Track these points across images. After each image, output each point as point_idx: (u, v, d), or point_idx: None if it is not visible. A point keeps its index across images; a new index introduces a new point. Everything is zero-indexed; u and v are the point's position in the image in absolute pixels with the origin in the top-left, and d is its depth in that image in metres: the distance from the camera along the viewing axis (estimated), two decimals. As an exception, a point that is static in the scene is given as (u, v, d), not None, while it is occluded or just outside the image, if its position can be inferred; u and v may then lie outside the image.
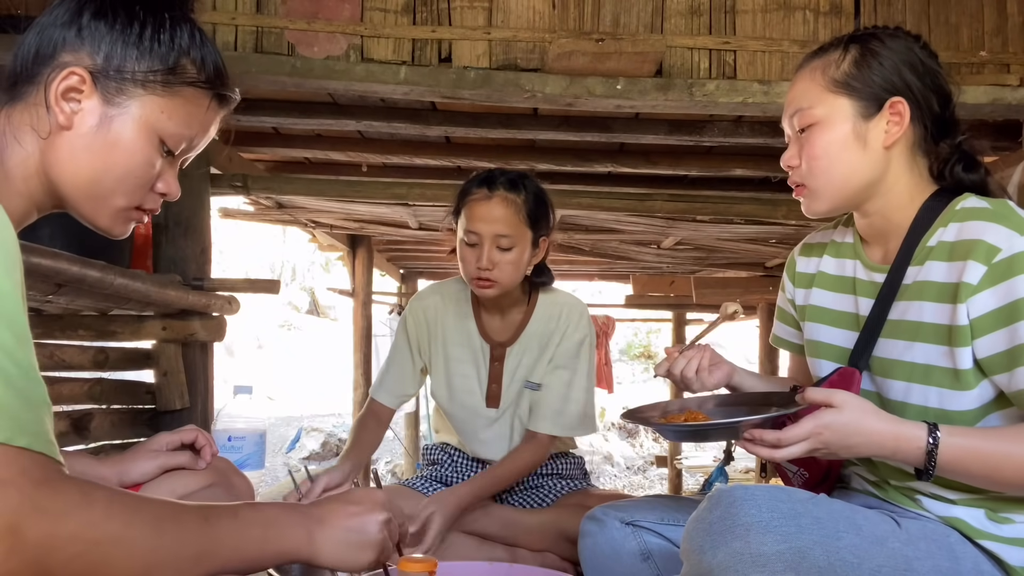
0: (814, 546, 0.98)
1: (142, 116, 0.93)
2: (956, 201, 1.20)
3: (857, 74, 1.21)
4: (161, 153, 0.97)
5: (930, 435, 1.07)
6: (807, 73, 1.25)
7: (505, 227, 1.85)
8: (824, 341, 1.34)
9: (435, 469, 2.17)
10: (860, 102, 1.21)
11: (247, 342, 14.63)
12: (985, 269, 1.09)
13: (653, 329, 16.56)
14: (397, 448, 10.03)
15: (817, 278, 1.38)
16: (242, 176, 2.94)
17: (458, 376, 2.06)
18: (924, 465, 1.08)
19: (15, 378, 0.70)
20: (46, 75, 0.91)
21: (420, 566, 1.07)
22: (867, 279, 1.28)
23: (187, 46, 0.96)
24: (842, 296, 1.33)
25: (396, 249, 6.38)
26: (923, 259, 1.19)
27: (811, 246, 1.44)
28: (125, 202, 0.97)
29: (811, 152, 1.22)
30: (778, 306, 1.52)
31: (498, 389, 2.03)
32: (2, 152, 0.91)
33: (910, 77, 1.22)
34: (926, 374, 1.16)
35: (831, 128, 1.21)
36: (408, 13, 2.42)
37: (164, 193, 1.00)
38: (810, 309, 1.38)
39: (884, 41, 1.23)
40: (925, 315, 1.17)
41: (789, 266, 1.48)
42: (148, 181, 0.97)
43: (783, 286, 1.49)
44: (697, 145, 3.37)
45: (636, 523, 1.41)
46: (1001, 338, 1.08)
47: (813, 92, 1.23)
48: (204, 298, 2.46)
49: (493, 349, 2.04)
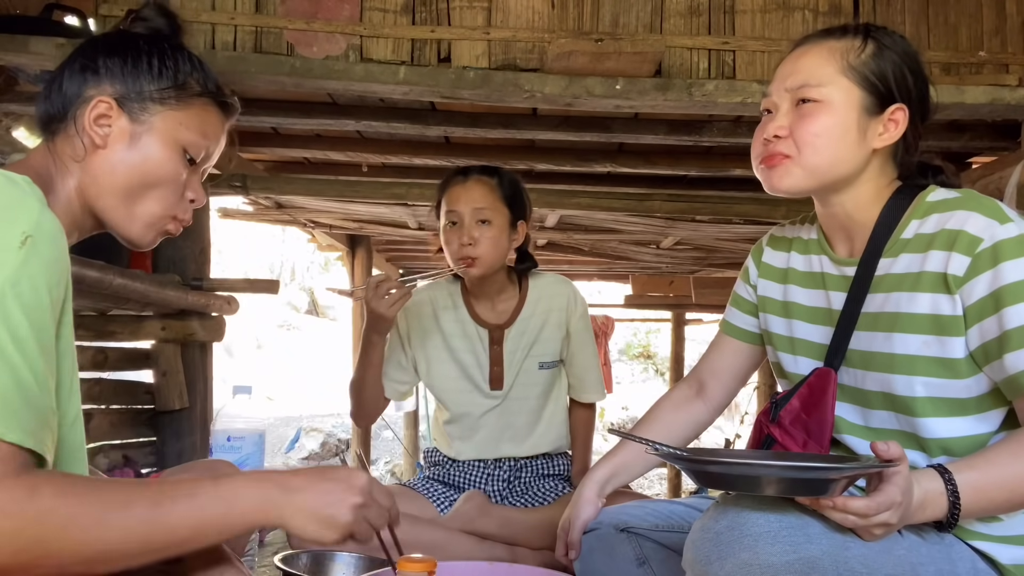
0: (823, 556, 0.96)
1: (164, 128, 1.07)
2: (924, 193, 1.20)
3: (876, 69, 1.19)
4: (185, 162, 1.10)
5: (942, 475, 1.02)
6: (823, 50, 1.22)
7: (482, 202, 1.96)
8: (800, 337, 1.32)
9: (437, 470, 2.17)
10: (870, 97, 1.19)
11: (246, 342, 14.63)
12: (969, 260, 1.09)
13: (652, 329, 16.59)
14: (397, 448, 10.04)
15: (790, 274, 1.36)
16: (241, 176, 2.94)
17: (458, 363, 2.09)
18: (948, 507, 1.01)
19: (27, 384, 0.78)
20: (76, 108, 1.05)
21: (420, 566, 1.07)
22: (837, 273, 1.27)
23: (189, 67, 1.12)
24: (813, 292, 1.31)
25: (395, 249, 6.39)
26: (898, 251, 1.18)
27: (779, 239, 1.42)
28: (160, 209, 1.08)
29: (809, 128, 1.19)
30: (736, 293, 1.48)
31: (500, 371, 2.08)
32: (52, 181, 1.03)
33: (913, 88, 1.21)
34: (909, 364, 1.15)
35: (836, 112, 1.18)
36: (407, 13, 2.42)
37: (193, 200, 1.12)
38: (786, 305, 1.36)
39: (898, 44, 1.22)
40: (903, 306, 1.16)
41: (755, 254, 1.45)
42: (179, 188, 1.09)
43: (745, 273, 1.46)
44: (696, 145, 3.37)
45: (631, 529, 1.40)
46: (990, 326, 1.08)
47: (827, 71, 1.20)
48: (203, 298, 2.46)
49: (491, 332, 2.09)
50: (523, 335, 2.08)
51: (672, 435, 1.48)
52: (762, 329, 1.41)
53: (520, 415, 2.09)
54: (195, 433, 2.58)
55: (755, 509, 0.99)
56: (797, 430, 1.24)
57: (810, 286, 1.32)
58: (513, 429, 2.10)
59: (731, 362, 1.50)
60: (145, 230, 1.09)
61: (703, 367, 1.53)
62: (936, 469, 1.03)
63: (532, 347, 2.09)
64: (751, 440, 1.37)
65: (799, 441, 1.23)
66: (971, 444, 1.13)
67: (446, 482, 2.13)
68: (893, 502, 0.95)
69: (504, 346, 2.08)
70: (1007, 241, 1.08)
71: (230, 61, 2.36)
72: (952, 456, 1.14)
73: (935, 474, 1.02)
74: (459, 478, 2.12)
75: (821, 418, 1.22)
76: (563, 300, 2.10)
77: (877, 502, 0.95)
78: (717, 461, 1.01)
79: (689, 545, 1.05)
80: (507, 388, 2.08)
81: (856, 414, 1.23)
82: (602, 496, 1.47)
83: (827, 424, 1.21)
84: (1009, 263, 1.07)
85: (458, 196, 1.97)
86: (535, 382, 2.10)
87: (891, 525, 0.97)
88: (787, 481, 0.96)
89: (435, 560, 1.09)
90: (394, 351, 2.13)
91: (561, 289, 2.12)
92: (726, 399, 1.54)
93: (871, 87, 1.19)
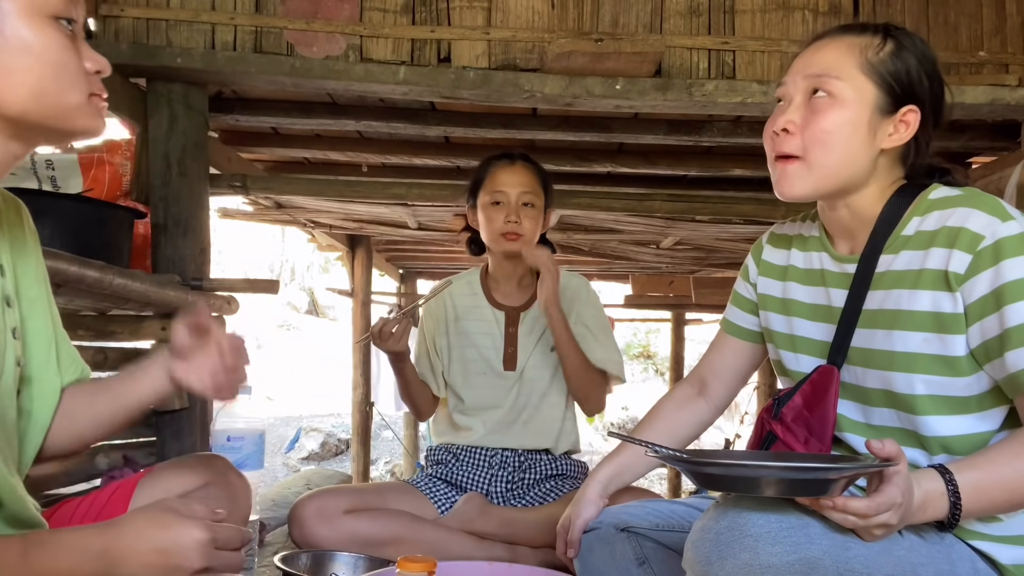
0: (824, 556, 0.96)
1: (19, 4, 0.91)
2: (927, 191, 1.20)
3: (893, 69, 1.18)
4: (64, 30, 0.94)
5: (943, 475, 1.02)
6: (842, 45, 1.21)
7: (528, 185, 2.10)
8: (800, 335, 1.32)
9: (439, 468, 2.17)
10: (885, 96, 1.18)
11: (246, 342, 14.62)
12: (971, 258, 1.09)
13: (652, 329, 16.58)
14: (397, 448, 10.04)
15: (790, 272, 1.36)
16: (241, 176, 2.93)
17: (474, 346, 2.18)
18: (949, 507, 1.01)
19: None
20: None
21: (420, 566, 1.07)
22: (838, 270, 1.27)
23: None
24: (814, 289, 1.31)
25: (395, 249, 6.39)
26: (898, 248, 1.18)
27: (779, 237, 1.41)
28: (77, 95, 0.95)
29: (820, 123, 1.18)
30: (736, 292, 1.47)
31: (514, 352, 2.16)
32: None
33: (928, 91, 1.21)
34: (909, 362, 1.14)
35: (849, 108, 1.17)
36: (407, 13, 2.42)
37: (99, 71, 0.99)
38: (786, 302, 1.35)
39: (917, 46, 1.22)
40: (904, 303, 1.15)
41: (755, 252, 1.44)
42: (77, 64, 0.95)
43: (745, 272, 1.45)
44: (696, 145, 3.37)
45: (631, 528, 1.39)
46: (991, 324, 1.08)
47: (846, 66, 1.19)
48: (203, 298, 2.45)
49: (508, 315, 2.19)
50: (538, 319, 2.15)
51: (674, 434, 1.49)
52: (762, 327, 1.41)
53: (532, 397, 2.15)
54: (195, 433, 2.58)
55: (755, 509, 0.99)
56: (799, 427, 1.24)
57: (810, 283, 1.32)
58: (526, 412, 2.14)
59: (732, 361, 1.50)
60: (85, 119, 0.97)
61: (704, 366, 1.53)
62: (937, 469, 1.03)
63: (546, 331, 2.13)
64: (753, 437, 1.37)
65: (801, 438, 1.23)
66: (972, 443, 1.13)
67: (448, 480, 2.14)
68: (893, 503, 0.95)
69: (519, 328, 2.17)
70: (1009, 239, 1.07)
71: (230, 61, 2.36)
72: (952, 454, 1.14)
73: (936, 474, 1.02)
74: (462, 475, 2.12)
75: (823, 415, 1.22)
76: (571, 292, 2.17)
77: (877, 503, 0.95)
78: (716, 463, 1.01)
79: (689, 545, 1.04)
80: (520, 369, 2.15)
81: (857, 411, 1.23)
82: (604, 496, 1.47)
83: (829, 421, 1.21)
84: (1010, 260, 1.06)
85: (505, 180, 2.09)
86: (547, 364, 2.16)
87: (891, 526, 0.97)
88: (786, 482, 0.95)
89: (435, 560, 1.09)
90: (423, 356, 2.25)
91: (572, 282, 2.21)
92: (728, 398, 1.54)
93: (887, 86, 1.18)
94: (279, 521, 2.59)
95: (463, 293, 2.23)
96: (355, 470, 5.82)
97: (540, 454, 2.15)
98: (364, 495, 2.00)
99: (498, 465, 2.12)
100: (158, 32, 2.39)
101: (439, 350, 2.22)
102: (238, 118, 2.96)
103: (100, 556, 0.86)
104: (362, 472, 5.80)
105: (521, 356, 2.16)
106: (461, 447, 2.16)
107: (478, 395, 2.17)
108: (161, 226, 2.48)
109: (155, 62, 2.34)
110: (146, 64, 2.35)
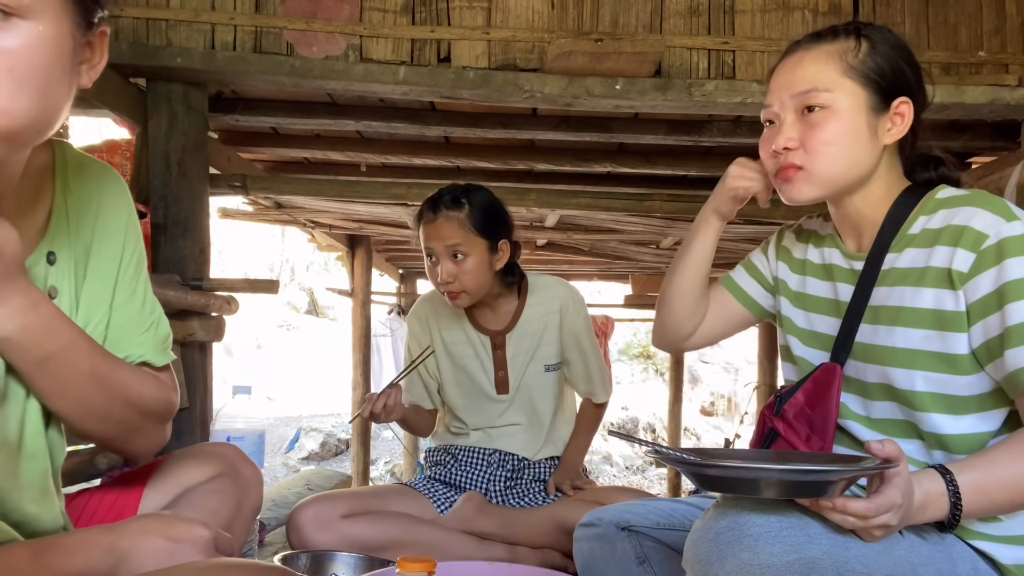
0: (823, 556, 0.96)
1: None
2: (934, 191, 1.21)
3: (875, 66, 1.19)
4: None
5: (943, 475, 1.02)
6: (820, 55, 1.21)
7: (454, 239, 1.95)
8: (808, 327, 1.33)
9: (438, 470, 2.17)
10: (875, 96, 1.19)
11: (246, 342, 14.63)
12: (974, 256, 1.09)
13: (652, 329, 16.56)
14: (397, 448, 10.04)
15: (807, 266, 1.37)
16: (241, 176, 2.93)
17: (464, 371, 2.13)
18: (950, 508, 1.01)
19: None
20: None
21: (420, 566, 1.07)
22: (846, 266, 1.28)
23: None
24: (823, 283, 1.32)
25: (395, 249, 6.39)
26: (904, 246, 1.19)
27: (801, 231, 1.42)
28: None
29: (820, 136, 1.18)
30: (751, 260, 1.46)
31: (505, 375, 2.12)
32: None
33: (911, 79, 1.22)
34: (910, 358, 1.15)
35: (845, 117, 1.18)
36: (407, 13, 2.42)
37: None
38: (800, 295, 1.36)
39: (888, 37, 1.22)
40: (907, 300, 1.16)
41: (778, 236, 1.45)
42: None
43: (766, 249, 1.45)
44: (696, 145, 3.37)
45: (631, 527, 1.40)
46: (993, 322, 1.08)
47: (830, 75, 1.19)
48: (203, 298, 2.45)
49: (493, 338, 2.12)
50: (524, 339, 2.11)
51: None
52: (776, 310, 1.42)
53: (529, 417, 2.12)
54: (195, 433, 2.58)
55: (755, 509, 0.99)
56: (801, 424, 1.25)
57: (821, 277, 1.33)
58: (523, 432, 2.13)
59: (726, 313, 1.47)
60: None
61: None
62: (937, 470, 1.03)
63: (536, 350, 2.11)
64: (755, 434, 1.37)
65: (803, 435, 1.24)
66: (972, 442, 1.13)
67: (447, 482, 2.14)
68: (893, 504, 0.95)
69: (507, 351, 2.11)
70: (1013, 238, 1.08)
71: (230, 61, 2.36)
72: (950, 453, 1.14)
73: (936, 475, 1.02)
74: (461, 476, 2.12)
75: (825, 413, 1.22)
76: (557, 303, 2.12)
77: (877, 504, 0.95)
78: (716, 464, 1.00)
79: (689, 545, 1.05)
80: (513, 392, 2.11)
81: (858, 404, 1.24)
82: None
83: (831, 419, 1.22)
84: (1014, 260, 1.07)
85: (429, 235, 1.99)
86: (542, 384, 2.13)
87: (891, 526, 0.97)
88: (786, 484, 0.95)
89: (435, 560, 1.09)
90: (415, 385, 2.22)
91: (557, 291, 2.14)
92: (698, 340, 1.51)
93: (874, 85, 1.19)
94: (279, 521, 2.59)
95: (447, 316, 2.17)
96: (355, 470, 5.81)
97: (541, 460, 2.15)
98: (362, 499, 2.00)
99: (497, 465, 2.12)
100: (158, 32, 2.39)
101: (431, 373, 2.20)
102: (238, 118, 2.96)
103: (110, 551, 0.91)
104: (362, 472, 5.80)
105: (512, 379, 2.13)
106: (459, 448, 2.16)
107: (476, 417, 2.17)
108: (161, 226, 2.48)
109: (155, 62, 2.34)
110: (146, 64, 2.35)
